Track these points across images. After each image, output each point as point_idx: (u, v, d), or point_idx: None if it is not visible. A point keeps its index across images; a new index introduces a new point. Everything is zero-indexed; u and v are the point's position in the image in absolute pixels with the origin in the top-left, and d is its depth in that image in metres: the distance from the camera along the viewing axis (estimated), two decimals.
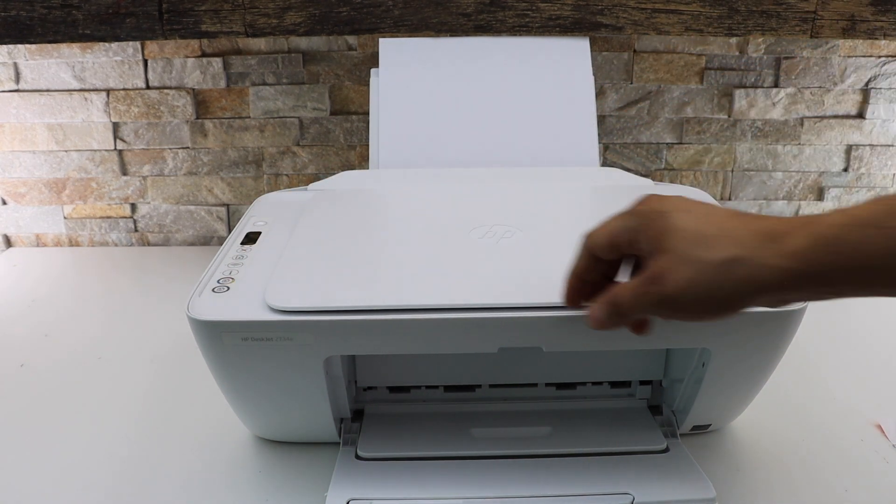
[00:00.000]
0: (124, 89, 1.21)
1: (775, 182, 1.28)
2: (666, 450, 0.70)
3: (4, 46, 1.17)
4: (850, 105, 1.24)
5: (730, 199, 1.28)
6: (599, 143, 1.23)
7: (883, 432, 0.76)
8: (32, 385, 0.86)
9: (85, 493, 0.68)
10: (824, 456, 0.73)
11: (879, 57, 1.20)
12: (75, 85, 1.20)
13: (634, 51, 1.20)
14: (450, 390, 0.76)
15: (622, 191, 0.87)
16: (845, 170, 1.27)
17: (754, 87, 1.22)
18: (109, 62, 1.19)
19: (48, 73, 1.19)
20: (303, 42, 1.19)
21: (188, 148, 1.24)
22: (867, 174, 1.27)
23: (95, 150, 1.24)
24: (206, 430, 0.77)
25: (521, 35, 1.03)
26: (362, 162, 1.25)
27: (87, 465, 0.72)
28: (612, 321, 0.53)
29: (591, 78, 0.99)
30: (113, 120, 1.22)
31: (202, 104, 1.22)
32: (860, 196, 1.29)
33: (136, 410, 0.81)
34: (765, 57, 1.20)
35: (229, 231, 1.24)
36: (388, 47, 1.00)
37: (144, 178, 1.26)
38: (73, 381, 0.87)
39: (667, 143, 1.25)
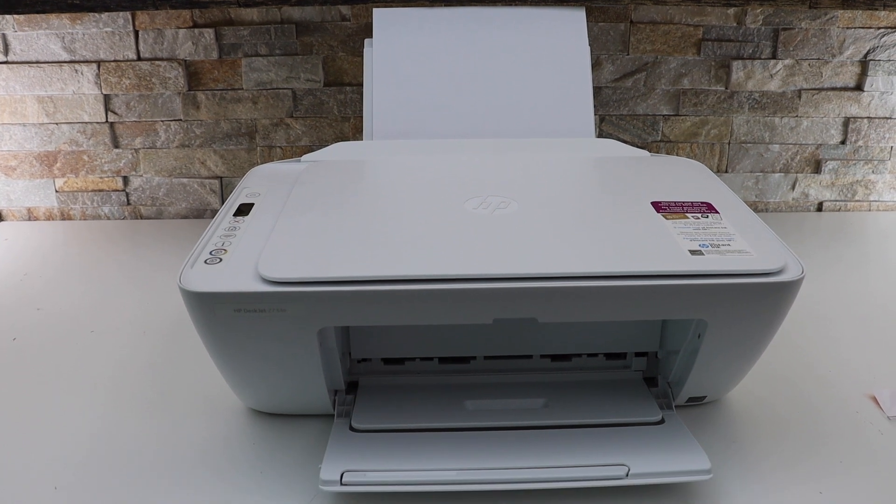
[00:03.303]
0: (115, 61, 1.19)
1: (772, 154, 1.27)
2: (661, 421, 0.70)
3: None
4: (848, 77, 1.23)
5: (727, 171, 1.28)
6: (595, 114, 1.22)
7: (878, 404, 0.76)
8: (25, 359, 0.86)
9: (77, 465, 0.68)
10: (819, 427, 0.73)
11: (879, 28, 1.19)
12: (65, 56, 1.19)
13: (631, 21, 1.19)
14: (444, 362, 0.76)
15: (618, 162, 0.86)
16: (843, 142, 1.27)
17: (752, 58, 1.21)
18: (100, 33, 1.17)
19: (37, 44, 1.18)
20: (296, 12, 1.17)
21: (180, 120, 1.23)
22: (865, 147, 1.27)
23: (87, 123, 1.23)
24: (200, 403, 0.77)
25: (516, 5, 1.02)
26: (356, 134, 1.24)
27: (81, 438, 0.72)
28: None
29: (587, 48, 0.98)
30: (104, 92, 1.21)
31: (194, 76, 1.20)
32: (857, 169, 1.28)
33: (130, 384, 0.80)
34: (763, 28, 1.19)
35: (222, 204, 1.23)
36: (382, 17, 0.99)
37: (136, 150, 1.25)
38: (65, 354, 0.86)
39: (663, 115, 1.24)
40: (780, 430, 0.73)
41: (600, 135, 1.25)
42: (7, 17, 1.16)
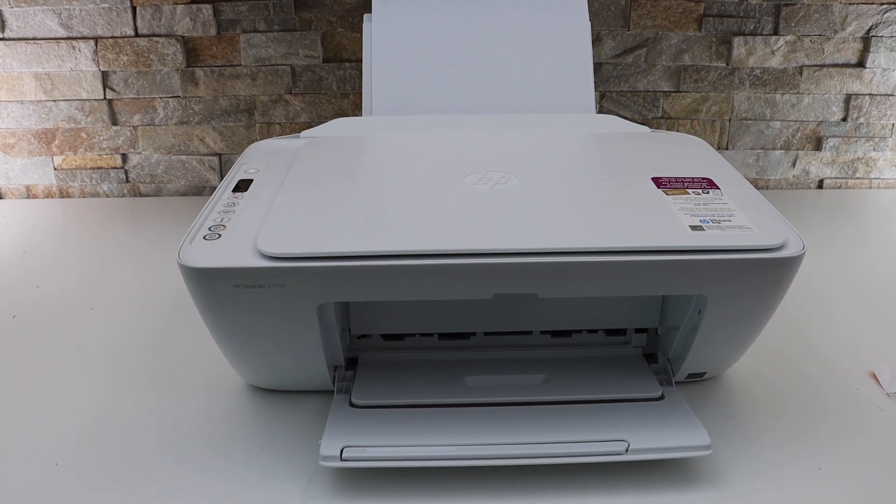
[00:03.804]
0: (113, 37, 1.18)
1: (773, 131, 1.27)
2: (661, 397, 0.70)
3: None
4: (850, 53, 1.22)
5: (727, 148, 1.27)
6: (596, 90, 1.21)
7: (877, 381, 0.76)
8: (25, 336, 0.86)
9: (77, 442, 0.68)
10: (819, 404, 0.73)
11: (881, 4, 1.18)
12: (62, 33, 1.18)
13: None
14: (444, 338, 0.76)
15: (618, 138, 0.86)
16: (844, 119, 1.26)
17: (753, 34, 1.20)
18: (97, 9, 1.17)
19: (34, 20, 1.17)
20: None
21: (179, 97, 1.22)
22: (866, 124, 1.26)
23: (85, 100, 1.22)
24: (200, 379, 0.77)
25: None
26: (356, 110, 1.23)
27: (80, 415, 0.72)
28: None
29: (588, 24, 0.97)
30: (102, 69, 1.20)
31: (192, 52, 1.20)
32: (859, 146, 1.27)
33: (129, 361, 0.80)
34: (764, 4, 1.18)
35: (221, 180, 1.22)
36: None
37: (135, 127, 1.24)
38: (65, 332, 0.86)
39: (664, 92, 1.23)
40: (779, 406, 0.73)
41: (601, 111, 1.24)
42: None
